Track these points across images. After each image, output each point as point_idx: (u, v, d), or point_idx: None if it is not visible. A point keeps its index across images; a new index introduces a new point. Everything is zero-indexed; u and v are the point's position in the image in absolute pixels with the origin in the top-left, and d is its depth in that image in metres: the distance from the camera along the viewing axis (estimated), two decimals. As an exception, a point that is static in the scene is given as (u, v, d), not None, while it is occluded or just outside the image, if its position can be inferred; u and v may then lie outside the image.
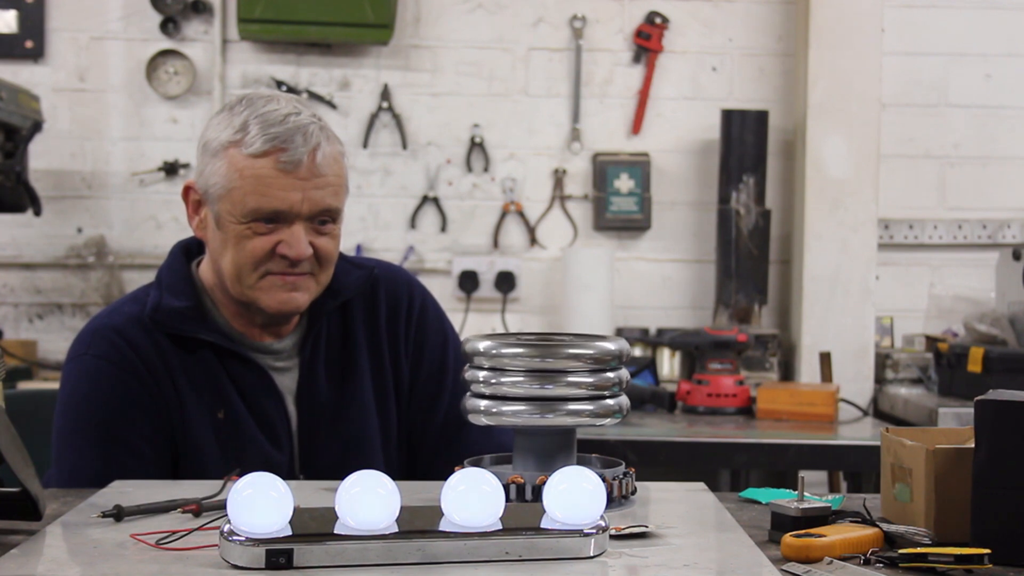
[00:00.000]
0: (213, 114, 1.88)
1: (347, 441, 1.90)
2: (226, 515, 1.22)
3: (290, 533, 1.21)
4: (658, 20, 3.94)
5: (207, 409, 1.85)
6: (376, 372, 1.96)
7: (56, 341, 3.80)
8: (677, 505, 1.59)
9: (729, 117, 3.81)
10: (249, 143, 1.78)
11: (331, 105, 3.89)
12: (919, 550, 1.26)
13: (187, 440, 1.84)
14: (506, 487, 1.43)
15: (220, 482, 1.57)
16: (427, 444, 2.00)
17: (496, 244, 3.95)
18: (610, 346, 1.52)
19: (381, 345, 1.98)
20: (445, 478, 1.85)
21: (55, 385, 1.97)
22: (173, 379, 1.85)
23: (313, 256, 1.83)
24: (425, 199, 3.93)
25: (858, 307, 3.78)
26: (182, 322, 1.86)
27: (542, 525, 1.26)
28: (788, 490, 1.61)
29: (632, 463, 1.59)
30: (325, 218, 1.83)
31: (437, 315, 2.05)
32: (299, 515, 1.24)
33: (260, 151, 1.77)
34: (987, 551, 1.23)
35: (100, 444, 1.82)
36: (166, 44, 3.84)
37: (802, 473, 1.44)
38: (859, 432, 3.17)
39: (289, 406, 1.90)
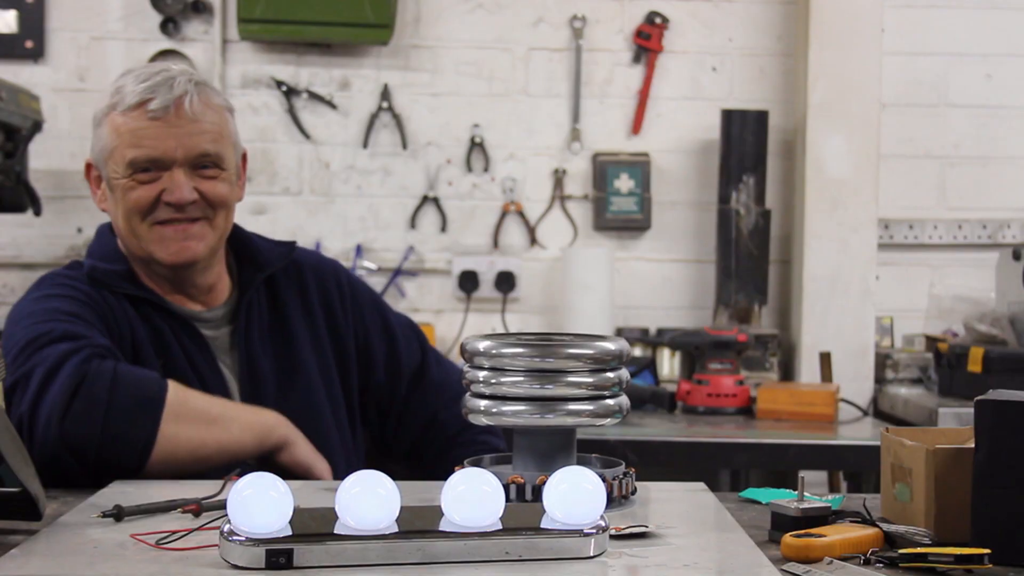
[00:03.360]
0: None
1: (296, 410, 1.92)
2: (226, 515, 1.22)
3: (290, 533, 1.21)
4: (658, 20, 3.94)
5: (149, 355, 1.88)
6: (314, 341, 2.02)
7: (56, 341, 3.80)
8: (677, 505, 1.59)
9: (729, 117, 3.81)
10: (124, 102, 1.87)
11: (331, 105, 3.89)
12: (919, 550, 1.26)
13: None
14: (506, 487, 1.43)
15: (220, 482, 1.58)
16: (396, 403, 2.09)
17: (496, 244, 3.95)
18: (610, 346, 1.52)
19: (316, 318, 2.04)
20: (416, 430, 2.04)
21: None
22: (117, 321, 1.89)
23: (202, 201, 1.90)
24: (425, 199, 3.93)
25: (858, 307, 3.78)
26: (117, 280, 1.92)
27: (542, 525, 1.26)
28: (788, 490, 1.61)
29: (632, 463, 1.59)
30: (206, 163, 1.90)
31: (364, 286, 2.18)
32: (299, 515, 1.24)
33: (132, 104, 1.86)
34: (987, 551, 1.23)
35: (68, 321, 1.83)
36: (166, 44, 3.83)
37: (802, 473, 1.44)
38: (859, 432, 3.17)
39: (224, 371, 1.94)
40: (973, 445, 1.31)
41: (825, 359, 3.61)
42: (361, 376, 2.08)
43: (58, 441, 1.66)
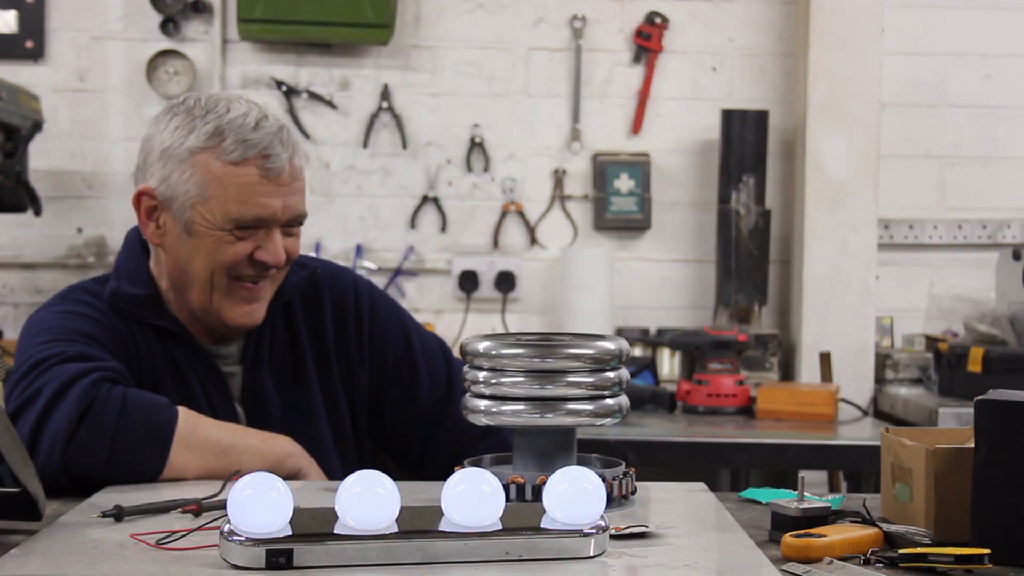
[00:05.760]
0: (159, 117, 1.85)
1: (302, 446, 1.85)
2: (226, 515, 1.22)
3: (290, 533, 1.21)
4: (658, 20, 3.94)
5: (167, 388, 1.83)
6: (324, 378, 1.95)
7: (56, 341, 3.80)
8: (677, 505, 1.59)
9: (729, 117, 3.81)
10: (228, 150, 1.78)
11: (331, 105, 3.89)
12: (919, 550, 1.26)
13: None
14: (506, 487, 1.43)
15: (220, 482, 1.58)
16: (416, 432, 2.01)
17: (496, 244, 3.95)
18: (610, 346, 1.52)
19: (328, 351, 1.97)
20: (439, 461, 1.90)
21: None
22: (138, 352, 1.84)
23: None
24: (425, 199, 3.93)
25: (858, 307, 3.78)
26: (140, 308, 1.86)
27: (542, 525, 1.26)
28: (788, 490, 1.61)
29: (632, 463, 1.59)
30: (296, 222, 1.86)
31: (388, 308, 2.05)
32: (299, 515, 1.24)
33: (241, 158, 1.78)
34: (987, 551, 1.23)
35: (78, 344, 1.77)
36: (166, 44, 3.84)
37: (802, 473, 1.44)
38: (859, 432, 3.17)
39: (237, 407, 1.90)
40: (973, 445, 1.31)
41: (825, 359, 3.61)
42: (372, 418, 2.01)
43: (60, 468, 1.61)
